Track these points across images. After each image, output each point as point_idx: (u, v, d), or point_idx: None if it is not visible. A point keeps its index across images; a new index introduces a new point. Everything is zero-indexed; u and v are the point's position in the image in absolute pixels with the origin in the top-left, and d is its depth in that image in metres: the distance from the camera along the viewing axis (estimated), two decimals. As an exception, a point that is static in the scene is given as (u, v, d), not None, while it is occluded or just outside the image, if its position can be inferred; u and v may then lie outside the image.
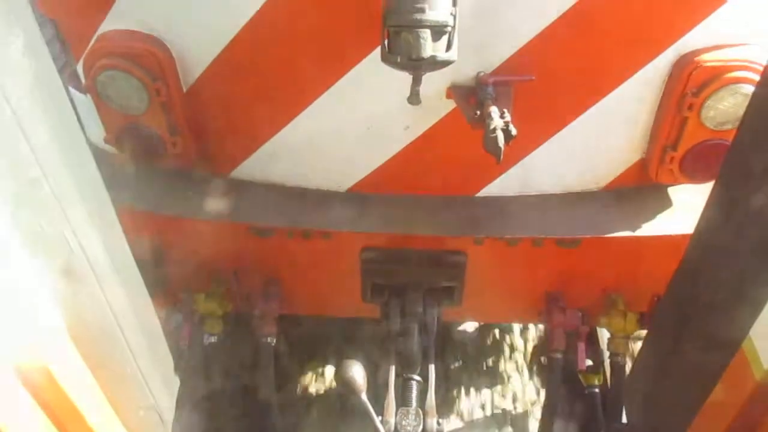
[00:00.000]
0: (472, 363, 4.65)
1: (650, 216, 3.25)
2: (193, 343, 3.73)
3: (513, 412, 4.39)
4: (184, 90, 3.11)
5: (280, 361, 4.01)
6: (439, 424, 3.12)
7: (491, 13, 2.77)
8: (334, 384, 4.36)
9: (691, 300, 2.73)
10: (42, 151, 2.04)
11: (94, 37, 3.00)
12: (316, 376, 4.41)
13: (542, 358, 4.55)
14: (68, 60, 3.36)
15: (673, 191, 3.33)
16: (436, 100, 3.00)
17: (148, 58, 2.94)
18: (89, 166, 2.38)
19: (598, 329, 4.23)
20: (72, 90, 3.35)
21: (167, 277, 3.55)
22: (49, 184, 2.09)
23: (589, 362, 3.90)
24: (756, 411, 2.47)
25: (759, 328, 2.39)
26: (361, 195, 3.37)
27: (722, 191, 2.51)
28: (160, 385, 3.03)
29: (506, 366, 4.66)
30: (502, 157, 2.61)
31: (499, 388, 4.51)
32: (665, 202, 3.29)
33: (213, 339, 3.78)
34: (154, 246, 3.36)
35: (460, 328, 4.83)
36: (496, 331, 4.87)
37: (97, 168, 2.35)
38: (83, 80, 3.08)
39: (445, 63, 2.46)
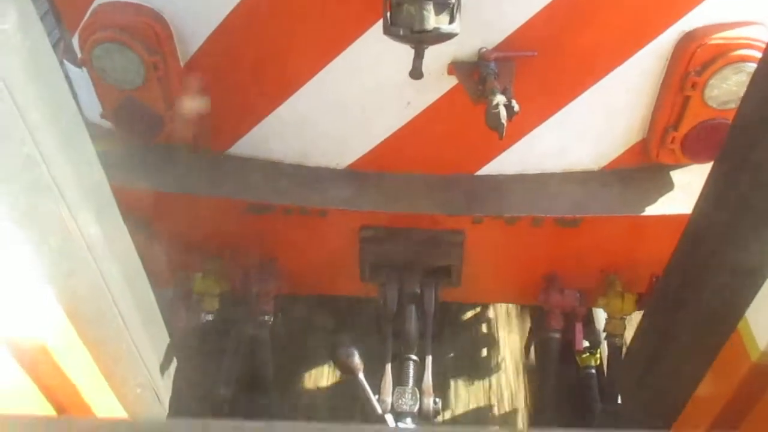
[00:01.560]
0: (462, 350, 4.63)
1: (650, 196, 3.24)
2: (190, 321, 3.71)
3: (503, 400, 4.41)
4: (182, 64, 3.07)
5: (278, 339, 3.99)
6: (435, 403, 3.12)
7: (494, -12, 2.74)
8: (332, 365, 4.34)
9: (687, 280, 2.73)
10: (37, 130, 2.01)
11: (90, 10, 2.95)
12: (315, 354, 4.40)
13: (534, 342, 4.54)
14: (63, 34, 3.31)
15: (674, 171, 3.31)
16: (438, 76, 2.97)
17: (146, 32, 2.90)
18: (85, 145, 2.36)
19: (596, 310, 4.23)
20: (67, 64, 3.31)
21: (164, 256, 3.52)
22: (45, 162, 2.07)
23: (586, 343, 3.92)
24: (751, 391, 2.47)
25: (755, 309, 2.39)
26: (360, 173, 3.35)
27: (720, 172, 2.50)
28: (157, 364, 3.02)
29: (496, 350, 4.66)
30: (504, 132, 2.59)
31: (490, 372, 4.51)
32: (666, 183, 3.28)
33: (210, 317, 3.76)
34: (151, 223, 3.33)
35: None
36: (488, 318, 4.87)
37: (92, 146, 2.32)
38: (79, 54, 3.03)
39: (449, 36, 2.44)
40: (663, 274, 3.01)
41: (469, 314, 4.80)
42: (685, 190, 3.24)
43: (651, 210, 3.20)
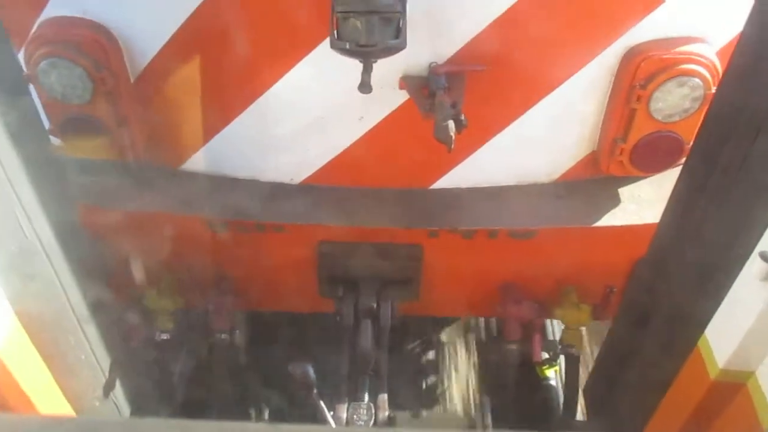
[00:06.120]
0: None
1: (602, 208, 3.29)
2: (144, 340, 3.65)
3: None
4: (132, 80, 3.04)
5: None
6: (390, 417, 3.10)
7: (443, 3, 2.76)
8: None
9: (649, 299, 2.77)
10: None
11: (36, 24, 2.90)
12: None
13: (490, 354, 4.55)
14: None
15: (624, 183, 3.36)
16: (390, 91, 2.98)
17: (93, 46, 2.86)
18: (42, 148, 2.31)
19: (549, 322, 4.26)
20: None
21: (117, 273, 3.46)
22: (2, 166, 2.02)
23: (545, 354, 3.93)
24: (711, 409, 2.51)
25: (714, 327, 2.42)
26: (315, 187, 3.34)
27: (681, 193, 2.55)
28: (119, 378, 2.96)
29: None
30: (453, 145, 2.61)
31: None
32: (616, 194, 3.33)
33: (165, 336, 3.69)
34: (102, 240, 3.27)
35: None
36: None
37: (50, 151, 2.28)
38: (24, 69, 2.98)
39: (395, 50, 2.45)
40: (627, 289, 3.04)
41: (427, 328, 4.80)
42: (635, 200, 3.30)
43: (603, 221, 3.25)
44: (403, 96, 3.02)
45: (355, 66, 2.62)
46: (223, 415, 3.94)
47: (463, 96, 2.83)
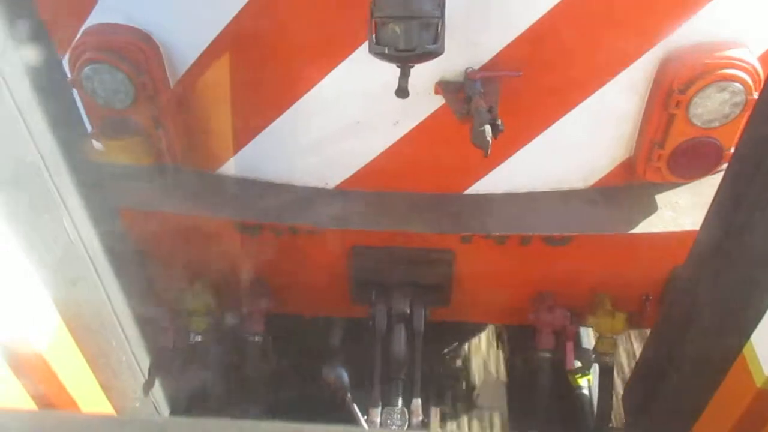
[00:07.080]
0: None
1: (638, 214, 3.25)
2: (180, 341, 3.70)
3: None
4: (171, 85, 3.09)
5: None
6: (424, 423, 3.10)
7: (480, 9, 2.77)
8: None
9: (693, 305, 2.71)
10: (41, 137, 2.02)
11: (80, 31, 2.98)
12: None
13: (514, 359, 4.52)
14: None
15: (660, 189, 3.32)
16: (426, 96, 2.99)
17: (134, 52, 2.92)
18: (88, 155, 2.36)
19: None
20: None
21: (152, 275, 3.52)
22: (48, 171, 2.07)
23: (578, 363, 3.89)
24: (757, 417, 2.45)
25: (760, 334, 2.37)
26: (349, 192, 3.36)
27: (725, 198, 2.50)
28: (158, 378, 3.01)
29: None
30: (489, 150, 2.61)
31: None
32: (653, 201, 3.29)
33: (199, 338, 3.74)
34: (139, 243, 3.33)
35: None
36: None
37: (97, 158, 2.33)
38: (69, 75, 3.05)
39: (433, 55, 2.46)
40: (668, 295, 2.97)
41: (457, 333, 4.79)
42: (672, 207, 3.25)
43: (639, 228, 3.20)
44: (437, 101, 3.03)
45: (390, 71, 2.64)
46: (254, 415, 3.96)
47: (498, 101, 2.83)
